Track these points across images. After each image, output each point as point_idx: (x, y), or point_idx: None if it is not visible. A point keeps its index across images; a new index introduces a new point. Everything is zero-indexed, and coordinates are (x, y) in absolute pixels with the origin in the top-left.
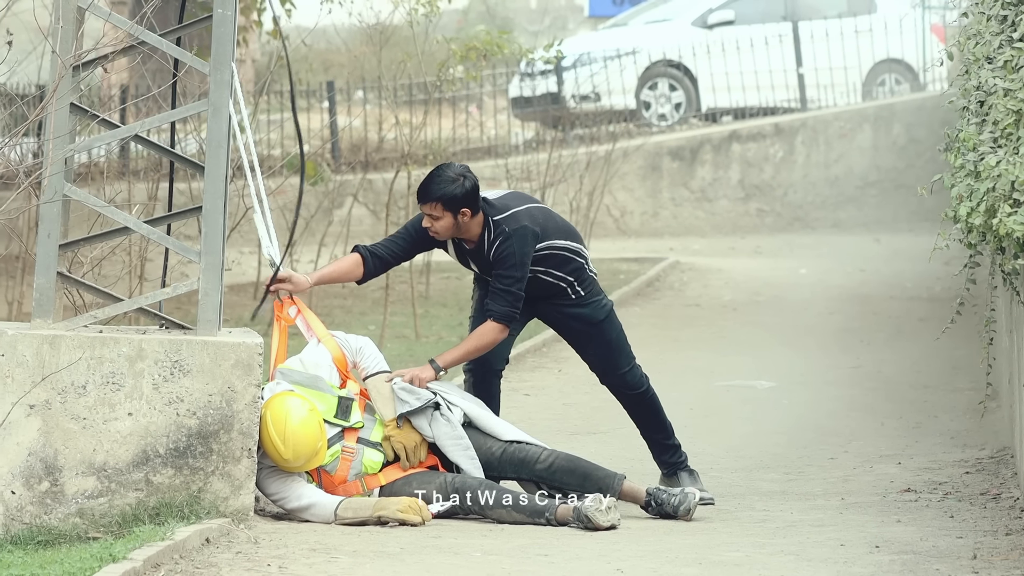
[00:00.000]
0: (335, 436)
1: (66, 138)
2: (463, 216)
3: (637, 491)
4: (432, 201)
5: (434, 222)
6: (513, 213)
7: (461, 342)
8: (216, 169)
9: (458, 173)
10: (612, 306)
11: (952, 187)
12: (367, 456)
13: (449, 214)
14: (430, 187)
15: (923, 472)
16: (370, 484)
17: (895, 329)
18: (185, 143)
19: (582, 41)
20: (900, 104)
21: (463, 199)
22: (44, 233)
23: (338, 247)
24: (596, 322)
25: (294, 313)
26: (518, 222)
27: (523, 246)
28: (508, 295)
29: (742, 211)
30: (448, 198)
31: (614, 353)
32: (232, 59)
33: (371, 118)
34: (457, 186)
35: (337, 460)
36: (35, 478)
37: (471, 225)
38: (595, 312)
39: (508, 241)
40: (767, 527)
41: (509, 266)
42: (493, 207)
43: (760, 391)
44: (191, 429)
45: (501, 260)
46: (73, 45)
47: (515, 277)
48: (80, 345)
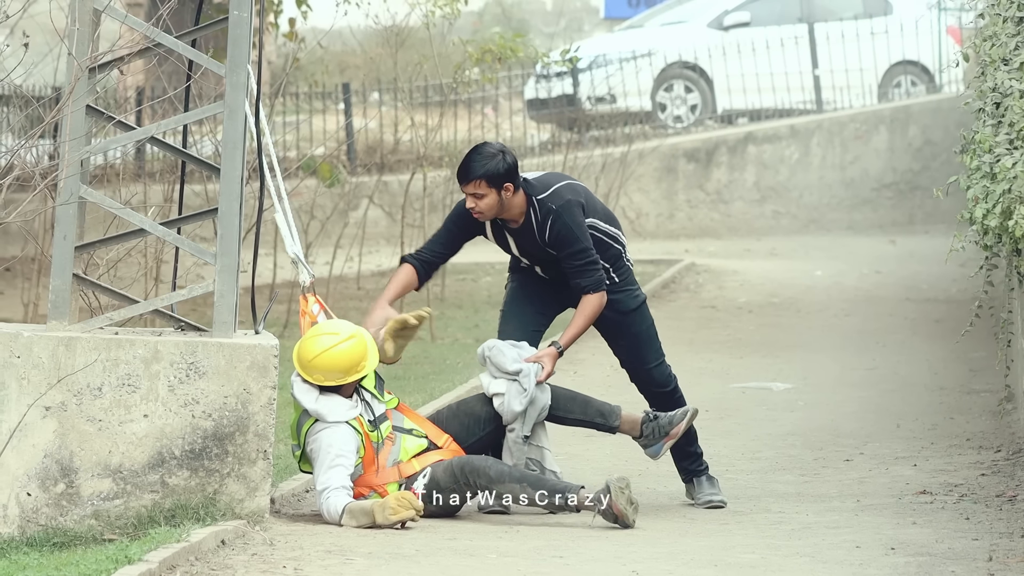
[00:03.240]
0: (381, 416)
1: (82, 140)
2: (506, 192)
3: (634, 418)
4: (475, 179)
5: (478, 201)
6: (555, 190)
7: (572, 320)
8: (232, 171)
9: (497, 149)
10: (645, 299)
11: (968, 189)
12: (404, 443)
13: (493, 191)
14: (471, 166)
15: (939, 474)
16: (404, 471)
17: (911, 331)
18: (201, 145)
19: (598, 43)
20: (916, 106)
21: (506, 174)
22: (60, 235)
23: (353, 248)
24: (628, 311)
25: (317, 310)
26: (561, 197)
27: (573, 217)
28: (588, 267)
29: (757, 213)
30: (492, 175)
31: (643, 345)
32: (248, 61)
33: (387, 120)
34: (498, 161)
35: (382, 443)
36: (51, 480)
37: (514, 202)
38: (628, 301)
39: (559, 218)
40: (782, 529)
41: (572, 241)
42: (534, 186)
43: (776, 393)
44: (207, 431)
45: (562, 240)
46: (89, 47)
47: (583, 247)
48: (96, 347)
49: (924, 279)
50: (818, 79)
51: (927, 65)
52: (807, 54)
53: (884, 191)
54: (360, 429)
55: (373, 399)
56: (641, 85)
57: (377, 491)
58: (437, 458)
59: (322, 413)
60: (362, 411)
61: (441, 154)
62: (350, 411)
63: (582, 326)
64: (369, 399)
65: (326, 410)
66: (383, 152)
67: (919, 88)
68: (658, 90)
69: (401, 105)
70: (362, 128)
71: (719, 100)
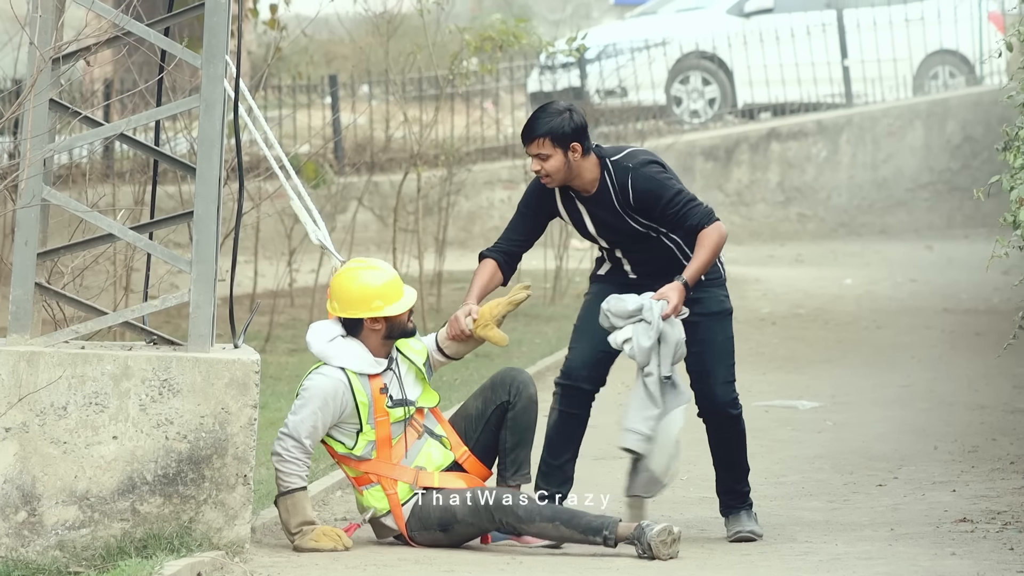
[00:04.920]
0: (412, 400)
1: (45, 137)
2: (573, 152)
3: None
4: (539, 137)
5: (543, 163)
6: (630, 151)
7: (695, 254)
8: (208, 171)
9: (564, 107)
10: (731, 310)
11: (1011, 189)
12: (431, 448)
13: (559, 151)
14: (535, 124)
15: (980, 500)
16: (422, 481)
17: (949, 344)
18: (175, 142)
19: (607, 31)
20: (954, 99)
21: (573, 134)
22: (21, 240)
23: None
24: (710, 313)
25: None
26: (636, 156)
27: (657, 169)
28: (689, 205)
29: (782, 216)
30: (557, 133)
31: (716, 357)
32: (226, 51)
33: (377, 115)
34: (564, 119)
35: (402, 425)
36: (11, 507)
37: (584, 166)
38: (712, 303)
39: (639, 173)
40: (810, 560)
41: (663, 190)
42: (605, 149)
43: (802, 412)
44: (181, 454)
45: (651, 195)
46: (53, 36)
47: (677, 190)
48: (60, 362)
49: (963, 288)
50: (847, 70)
51: (966, 55)
52: (835, 43)
53: (920, 192)
54: (368, 391)
55: (413, 379)
56: (655, 77)
57: (383, 483)
58: (459, 484)
59: (328, 355)
60: (387, 380)
61: (436, 152)
62: (363, 363)
63: (706, 259)
64: (405, 377)
65: (333, 352)
66: (373, 150)
67: (958, 80)
68: (673, 82)
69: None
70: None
71: (740, 93)
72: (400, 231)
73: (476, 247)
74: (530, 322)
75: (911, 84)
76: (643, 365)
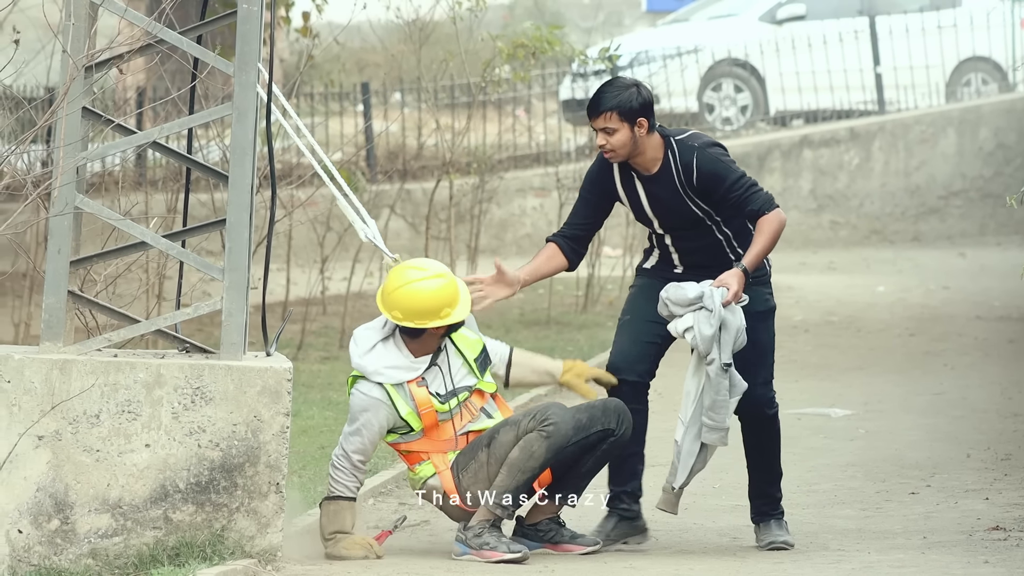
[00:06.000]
0: (463, 388)
1: (78, 145)
2: (639, 128)
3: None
4: (605, 111)
5: (608, 138)
6: (694, 131)
7: (754, 240)
8: (241, 178)
9: (631, 82)
10: (775, 308)
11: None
12: (483, 424)
13: (625, 125)
14: (602, 97)
15: (1013, 508)
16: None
17: (982, 352)
18: (207, 150)
19: (639, 38)
20: (987, 106)
21: (640, 109)
22: (54, 248)
23: (373, 263)
24: (753, 312)
25: None
26: (701, 137)
27: (721, 152)
28: (751, 190)
29: (814, 223)
30: (624, 107)
31: (758, 357)
32: (259, 59)
33: (409, 123)
34: (632, 93)
35: (451, 414)
36: (44, 516)
37: (648, 143)
38: (757, 301)
39: (704, 155)
40: (842, 568)
41: (726, 173)
42: (668, 129)
43: (834, 420)
44: (214, 462)
45: (714, 177)
46: (86, 44)
47: (739, 175)
48: (93, 370)
49: (996, 295)
50: (880, 77)
51: (999, 62)
52: (868, 50)
53: (952, 199)
54: (410, 401)
55: (467, 371)
56: (687, 84)
57: (434, 459)
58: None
59: (366, 369)
60: (429, 378)
61: (468, 160)
62: (401, 372)
63: (767, 244)
64: (455, 368)
65: (372, 366)
66: (405, 158)
67: (991, 87)
68: (705, 89)
69: (425, 106)
70: (383, 132)
71: (772, 100)
72: (432, 239)
73: (508, 255)
74: (562, 330)
75: (944, 91)
76: (705, 353)
